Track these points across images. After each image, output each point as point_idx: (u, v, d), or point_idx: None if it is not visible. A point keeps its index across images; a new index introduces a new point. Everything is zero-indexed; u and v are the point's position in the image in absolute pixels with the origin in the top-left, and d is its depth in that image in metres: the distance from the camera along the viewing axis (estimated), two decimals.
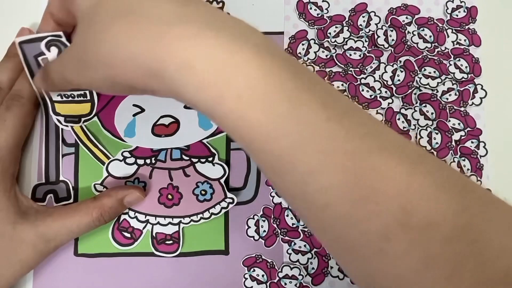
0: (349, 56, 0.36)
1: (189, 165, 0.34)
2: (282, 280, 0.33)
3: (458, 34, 0.37)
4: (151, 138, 0.34)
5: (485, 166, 0.35)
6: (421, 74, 0.36)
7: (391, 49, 0.36)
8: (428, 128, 0.35)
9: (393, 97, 0.36)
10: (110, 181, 0.34)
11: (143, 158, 0.34)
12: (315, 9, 0.37)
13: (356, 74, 0.36)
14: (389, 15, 0.37)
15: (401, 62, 0.36)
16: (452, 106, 0.36)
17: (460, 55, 0.36)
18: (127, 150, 0.34)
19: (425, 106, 0.36)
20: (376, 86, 0.36)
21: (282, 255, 0.34)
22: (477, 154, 0.35)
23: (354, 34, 0.36)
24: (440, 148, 0.35)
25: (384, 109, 0.36)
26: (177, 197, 0.34)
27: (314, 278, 0.33)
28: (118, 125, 0.34)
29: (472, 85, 0.36)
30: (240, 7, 0.36)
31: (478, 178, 0.35)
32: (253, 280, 0.33)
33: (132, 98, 0.34)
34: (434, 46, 0.36)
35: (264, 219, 0.34)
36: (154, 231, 0.34)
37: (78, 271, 0.33)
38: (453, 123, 0.36)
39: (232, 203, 0.34)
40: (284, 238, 0.34)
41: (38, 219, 0.30)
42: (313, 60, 0.36)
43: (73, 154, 0.34)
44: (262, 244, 0.34)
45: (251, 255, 0.34)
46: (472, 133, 0.36)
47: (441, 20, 0.37)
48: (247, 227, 0.34)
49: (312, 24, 0.37)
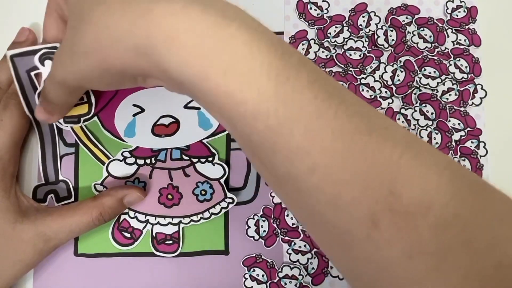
0: (349, 56, 0.36)
1: (189, 165, 0.34)
2: (282, 280, 0.33)
3: (458, 34, 0.37)
4: (151, 138, 0.34)
5: (485, 166, 0.35)
6: (421, 74, 0.36)
7: (391, 49, 0.36)
8: (428, 128, 0.35)
9: (393, 97, 0.36)
10: (110, 181, 0.34)
11: (143, 158, 0.34)
12: (315, 9, 0.37)
13: (356, 74, 0.36)
14: (389, 15, 0.37)
15: (401, 62, 0.36)
16: (452, 106, 0.36)
17: (460, 55, 0.36)
18: (127, 150, 0.34)
19: (425, 106, 0.36)
20: (376, 86, 0.36)
21: (282, 255, 0.34)
22: (477, 154, 0.35)
23: (354, 34, 0.36)
24: (440, 148, 0.35)
25: (384, 109, 0.36)
26: (177, 197, 0.34)
27: (314, 278, 0.33)
28: (118, 125, 0.34)
29: (472, 85, 0.36)
30: (240, 7, 0.36)
31: None
32: (253, 280, 0.33)
33: (132, 98, 0.34)
34: (434, 46, 0.36)
35: (264, 219, 0.34)
36: (154, 231, 0.34)
37: (78, 271, 0.34)
38: (453, 123, 0.36)
39: (232, 203, 0.34)
40: (284, 238, 0.34)
41: (38, 218, 0.30)
42: (313, 60, 0.36)
43: (73, 154, 0.34)
44: (262, 244, 0.34)
45: (251, 255, 0.34)
46: (472, 133, 0.36)
47: (441, 20, 0.37)
48: (247, 227, 0.34)
49: (312, 24, 0.37)
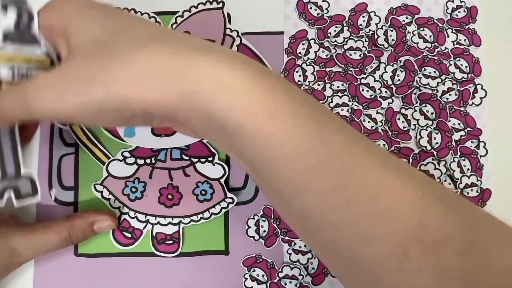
0: (349, 56, 0.36)
1: (189, 165, 0.34)
2: (282, 280, 0.33)
3: (458, 34, 0.37)
4: (151, 138, 0.34)
5: (485, 166, 0.35)
6: (421, 74, 0.36)
7: (391, 49, 0.36)
8: (428, 128, 0.35)
9: (393, 97, 0.36)
10: (110, 181, 0.34)
11: (143, 158, 0.34)
12: (315, 9, 0.37)
13: (356, 74, 0.36)
14: (389, 15, 0.37)
15: (401, 62, 0.36)
16: (452, 106, 0.36)
17: (460, 55, 0.36)
18: (127, 150, 0.34)
19: (425, 106, 0.36)
20: (376, 86, 0.36)
21: (282, 255, 0.34)
22: (477, 154, 0.35)
23: (354, 34, 0.36)
24: (440, 148, 0.35)
25: (384, 109, 0.36)
26: (177, 197, 0.34)
27: (314, 278, 0.33)
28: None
29: (472, 85, 0.36)
30: (240, 7, 0.36)
31: (478, 178, 0.35)
32: (253, 280, 0.33)
33: None
34: (434, 46, 0.36)
35: (264, 219, 0.34)
36: (154, 231, 0.34)
37: (78, 271, 0.34)
38: (453, 123, 0.36)
39: (232, 203, 0.34)
40: (284, 238, 0.34)
41: (8, 232, 0.30)
42: (313, 60, 0.36)
43: (73, 154, 0.34)
44: (262, 244, 0.34)
45: (251, 255, 0.34)
46: (472, 133, 0.36)
47: (441, 20, 0.37)
48: (247, 227, 0.34)
49: (312, 24, 0.37)
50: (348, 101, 0.36)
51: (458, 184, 0.35)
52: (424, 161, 0.35)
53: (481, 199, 0.35)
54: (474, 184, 0.35)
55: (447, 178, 0.35)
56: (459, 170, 0.35)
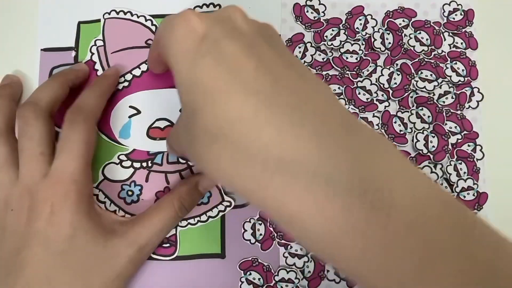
0: (346, 59, 0.36)
1: (185, 168, 0.34)
2: (279, 283, 0.33)
3: (455, 37, 0.37)
4: (147, 140, 0.34)
5: (482, 170, 0.35)
6: (418, 77, 0.36)
7: (387, 52, 0.36)
8: (425, 131, 0.35)
9: (390, 100, 0.36)
10: (106, 184, 0.34)
11: (139, 161, 0.34)
12: (312, 12, 0.37)
13: (352, 77, 0.36)
14: (386, 18, 0.37)
15: (397, 65, 0.36)
16: (448, 109, 0.36)
17: (456, 58, 0.36)
18: (123, 153, 0.34)
19: (422, 109, 0.36)
20: (373, 89, 0.36)
21: (278, 259, 0.34)
22: (474, 158, 0.35)
23: (351, 37, 0.36)
24: (437, 152, 0.35)
25: (381, 112, 0.36)
26: None
27: (310, 281, 0.33)
28: (113, 126, 0.34)
29: (468, 88, 0.36)
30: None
31: (474, 181, 0.35)
32: (249, 283, 0.33)
33: (129, 100, 0.34)
34: (431, 49, 0.36)
35: (260, 223, 0.34)
36: None
37: None
38: (450, 126, 0.36)
39: (230, 206, 0.34)
40: (280, 242, 0.34)
41: (126, 230, 0.30)
42: (310, 63, 0.36)
43: None
44: (259, 248, 0.34)
45: (247, 259, 0.34)
46: (469, 136, 0.36)
47: (437, 23, 0.37)
48: (244, 231, 0.34)
49: (309, 27, 0.37)
50: (345, 104, 0.36)
51: (454, 188, 0.35)
52: (420, 164, 0.35)
53: (477, 202, 0.35)
54: (471, 187, 0.35)
55: (443, 181, 0.35)
56: (455, 173, 0.35)
